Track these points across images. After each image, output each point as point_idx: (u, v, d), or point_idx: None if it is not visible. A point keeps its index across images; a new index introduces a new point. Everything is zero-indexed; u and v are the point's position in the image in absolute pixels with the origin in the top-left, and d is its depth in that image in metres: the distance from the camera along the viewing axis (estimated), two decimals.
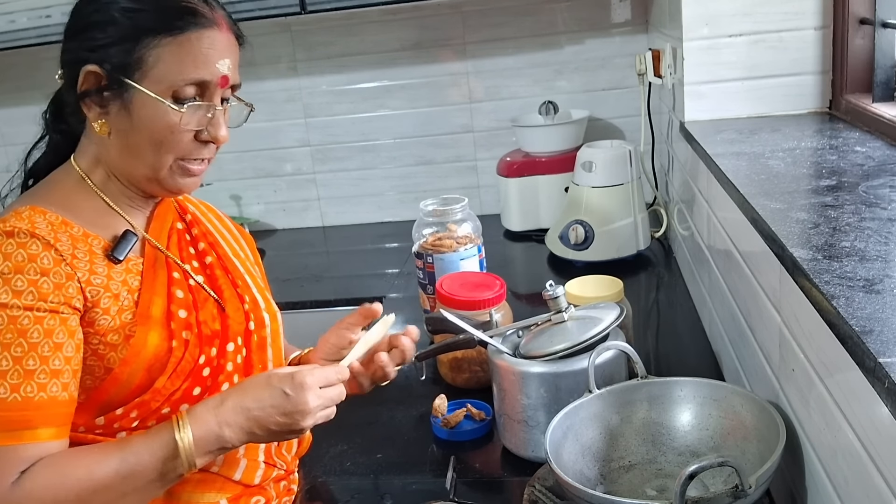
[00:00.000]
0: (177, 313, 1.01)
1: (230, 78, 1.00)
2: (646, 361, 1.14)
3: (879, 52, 1.46)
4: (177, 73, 0.95)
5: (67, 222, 0.97)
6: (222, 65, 0.99)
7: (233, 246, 1.18)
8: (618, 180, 2.00)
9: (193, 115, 0.98)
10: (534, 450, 1.20)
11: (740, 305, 1.23)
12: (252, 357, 1.10)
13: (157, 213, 1.09)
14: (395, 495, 1.18)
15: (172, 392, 1.00)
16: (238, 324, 1.09)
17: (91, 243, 0.97)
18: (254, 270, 1.20)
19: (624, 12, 2.39)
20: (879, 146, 1.27)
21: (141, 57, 0.94)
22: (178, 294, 1.03)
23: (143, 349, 0.96)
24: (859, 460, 0.73)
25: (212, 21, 0.98)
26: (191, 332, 1.02)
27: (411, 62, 2.52)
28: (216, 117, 1.00)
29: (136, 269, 1.01)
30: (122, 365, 0.95)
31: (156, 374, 0.98)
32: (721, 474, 1.00)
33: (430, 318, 1.40)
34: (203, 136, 1.00)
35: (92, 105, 0.97)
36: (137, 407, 0.98)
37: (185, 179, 1.02)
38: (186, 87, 0.96)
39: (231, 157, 2.70)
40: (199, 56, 0.96)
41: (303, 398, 0.94)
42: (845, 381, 0.75)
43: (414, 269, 1.79)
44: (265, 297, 1.17)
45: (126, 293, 0.98)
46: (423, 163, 2.63)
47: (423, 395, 1.45)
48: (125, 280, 0.99)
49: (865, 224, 0.93)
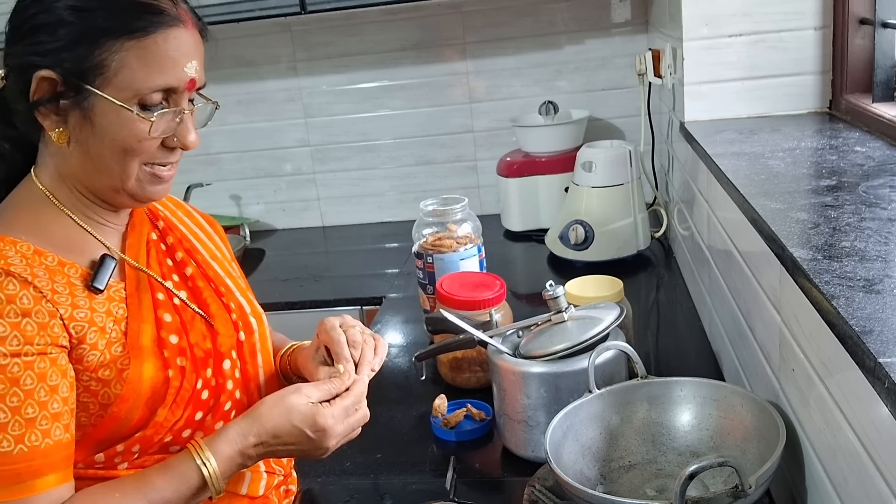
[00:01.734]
0: (168, 339, 0.96)
1: (197, 80, 0.93)
2: (646, 361, 1.14)
3: (879, 52, 1.46)
4: (143, 80, 0.88)
5: (41, 251, 0.90)
6: (190, 68, 0.91)
7: (209, 248, 1.12)
8: (618, 180, 2.00)
9: (161, 123, 0.91)
10: (534, 450, 1.20)
11: (740, 305, 1.23)
12: (247, 368, 1.06)
13: (132, 227, 1.02)
14: (395, 495, 1.18)
15: (174, 422, 0.95)
16: (229, 337, 1.04)
17: (68, 273, 0.91)
18: (232, 270, 1.14)
19: (624, 12, 2.39)
20: (879, 146, 1.27)
21: (101, 61, 0.86)
22: (165, 318, 0.97)
23: (140, 383, 0.91)
24: (859, 460, 0.73)
25: (177, 18, 0.90)
26: (185, 358, 0.97)
27: (411, 62, 2.52)
28: (184, 122, 0.93)
29: (118, 297, 0.95)
30: (120, 402, 0.91)
31: (155, 406, 0.93)
32: (721, 474, 1.00)
33: (430, 318, 1.40)
34: (171, 142, 0.94)
35: (48, 113, 0.89)
36: (139, 441, 0.94)
37: (154, 187, 0.95)
38: (153, 93, 0.89)
39: (231, 157, 2.70)
40: (166, 60, 0.89)
41: (325, 441, 0.95)
42: (845, 381, 0.75)
43: (414, 269, 1.79)
44: (249, 300, 1.11)
45: (112, 324, 0.92)
46: (423, 163, 2.63)
47: (423, 395, 1.45)
48: (109, 310, 0.93)
49: (865, 224, 0.93)
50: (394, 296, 2.02)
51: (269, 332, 1.15)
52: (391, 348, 1.71)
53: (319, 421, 0.94)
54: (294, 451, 0.96)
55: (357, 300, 2.06)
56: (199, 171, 2.69)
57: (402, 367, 1.61)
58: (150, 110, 0.90)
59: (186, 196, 2.55)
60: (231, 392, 1.03)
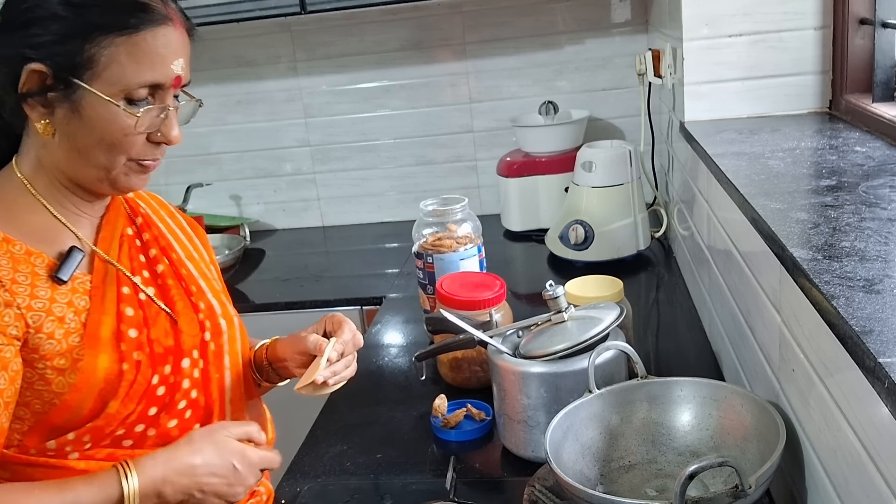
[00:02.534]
0: (127, 333, 0.97)
1: (183, 78, 0.96)
2: (646, 361, 1.14)
3: (879, 52, 1.46)
4: (131, 76, 0.90)
5: (9, 239, 0.92)
6: (177, 65, 0.94)
7: (187, 248, 1.13)
8: (618, 180, 2.00)
9: (147, 118, 0.93)
10: (534, 450, 1.20)
11: (740, 305, 1.23)
12: (209, 368, 1.07)
13: (107, 220, 1.04)
14: (395, 495, 1.18)
15: (127, 415, 0.97)
16: (192, 336, 1.05)
17: (34, 263, 0.93)
18: (209, 272, 1.15)
19: (624, 12, 2.39)
20: (879, 146, 1.27)
21: (91, 56, 0.89)
22: (127, 312, 0.99)
23: (93, 374, 0.93)
24: (859, 460, 0.73)
25: (166, 17, 0.93)
26: (142, 353, 0.98)
27: (411, 62, 2.52)
28: (169, 118, 0.96)
29: (82, 289, 0.97)
30: (73, 391, 0.92)
31: (108, 398, 0.95)
32: (721, 474, 1.00)
33: (430, 318, 1.40)
34: (156, 137, 0.96)
35: (35, 105, 0.91)
36: (90, 432, 0.95)
37: (138, 177, 0.98)
38: (140, 89, 0.91)
39: (231, 157, 2.70)
40: (154, 57, 0.91)
41: (249, 478, 0.98)
42: (845, 381, 0.75)
43: (414, 269, 1.79)
44: (221, 302, 1.13)
45: (72, 315, 0.94)
46: (423, 163, 2.63)
47: (423, 395, 1.45)
48: (71, 301, 0.95)
49: (865, 224, 0.93)
50: (394, 296, 2.02)
51: (238, 336, 1.14)
52: (391, 348, 1.71)
53: (248, 455, 0.98)
54: (216, 484, 0.96)
55: (357, 300, 2.06)
56: (199, 171, 2.69)
57: (402, 367, 1.61)
58: (136, 105, 0.92)
59: (186, 196, 2.55)
60: (187, 391, 1.04)
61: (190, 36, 0.98)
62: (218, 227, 2.54)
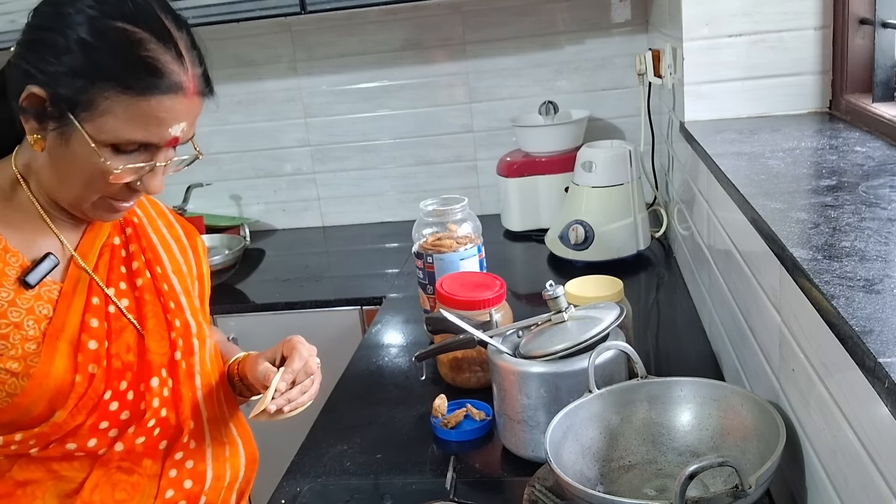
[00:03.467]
0: (87, 344, 0.97)
1: (182, 138, 0.95)
2: (646, 361, 1.14)
3: (879, 52, 1.46)
4: (122, 131, 0.89)
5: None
6: (175, 129, 0.92)
7: (176, 261, 1.12)
8: (618, 180, 2.00)
9: (129, 171, 0.92)
10: (534, 450, 1.20)
11: (740, 305, 1.23)
12: (180, 388, 1.06)
13: (92, 227, 1.04)
14: (395, 495, 1.18)
15: (76, 427, 0.96)
16: (161, 355, 1.04)
17: (9, 261, 0.93)
18: (193, 289, 1.13)
19: (624, 12, 2.39)
20: (879, 146, 1.27)
21: (91, 100, 0.88)
22: (91, 323, 0.98)
23: (46, 380, 0.93)
24: (859, 460, 0.73)
25: (180, 86, 0.90)
26: (98, 366, 0.97)
27: (411, 62, 2.52)
28: (155, 172, 0.95)
29: (48, 296, 0.96)
30: (24, 394, 0.92)
31: (56, 407, 0.94)
32: (721, 474, 1.00)
33: (430, 318, 1.40)
34: (135, 186, 0.95)
35: (30, 120, 0.91)
36: (36, 437, 0.95)
37: (109, 214, 0.99)
38: (128, 144, 0.91)
39: (231, 157, 2.70)
40: (151, 121, 0.90)
41: None
42: (845, 381, 0.75)
43: (414, 269, 1.79)
44: (198, 322, 1.10)
45: (31, 322, 0.93)
46: (423, 163, 2.63)
47: (423, 395, 1.45)
48: (32, 308, 0.94)
49: (865, 224, 0.92)
50: (394, 296, 2.02)
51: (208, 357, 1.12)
52: (391, 348, 1.71)
53: None
54: None
55: (357, 300, 2.06)
56: (199, 171, 2.69)
57: (402, 367, 1.61)
58: (122, 154, 0.91)
59: (186, 196, 2.55)
60: (157, 409, 1.03)
61: (205, 96, 0.96)
62: (218, 227, 2.54)
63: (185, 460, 1.07)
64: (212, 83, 0.97)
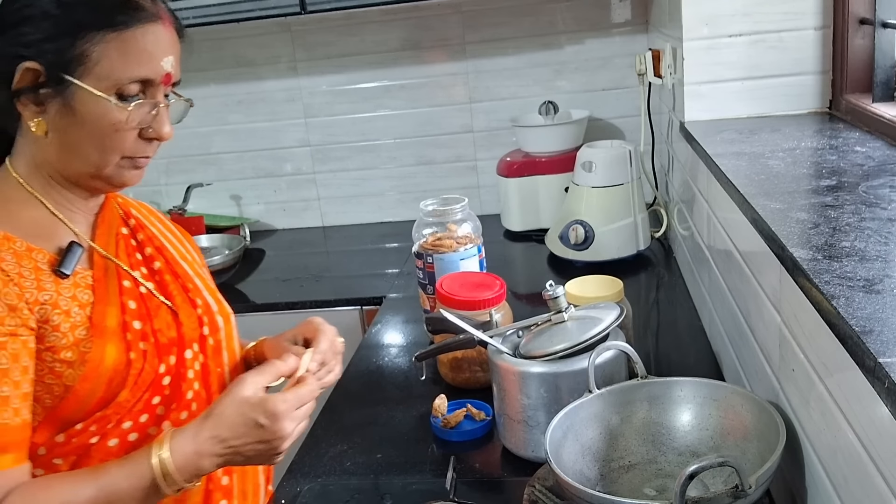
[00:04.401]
0: (131, 324, 0.98)
1: (173, 76, 0.98)
2: (646, 361, 1.14)
3: (879, 52, 1.46)
4: (121, 71, 0.92)
5: (9, 237, 0.93)
6: (166, 62, 0.96)
7: (179, 250, 1.15)
8: (618, 180, 2.00)
9: (138, 113, 0.95)
10: (534, 450, 1.20)
11: (740, 305, 1.23)
12: (209, 363, 1.08)
13: (103, 219, 1.05)
14: (395, 495, 1.18)
15: (133, 404, 0.98)
16: (192, 330, 1.06)
17: (36, 258, 0.94)
18: (201, 272, 1.17)
19: (624, 12, 2.39)
20: (879, 146, 1.27)
21: (83, 53, 0.90)
22: (130, 304, 1.00)
23: (102, 364, 0.94)
24: (859, 460, 0.73)
25: (155, 15, 0.95)
26: (147, 343, 0.99)
27: (411, 62, 2.52)
28: (160, 114, 0.97)
29: (84, 283, 0.98)
30: (82, 381, 0.93)
31: (117, 388, 0.96)
32: (721, 474, 1.00)
33: (430, 318, 1.40)
34: (147, 133, 0.97)
35: (27, 103, 0.93)
36: (97, 421, 0.96)
37: (131, 172, 0.99)
38: (130, 84, 0.93)
39: (231, 157, 2.70)
40: (143, 53, 0.93)
41: (278, 426, 0.94)
42: (845, 381, 0.75)
43: (414, 269, 1.79)
44: (217, 300, 1.14)
45: (77, 308, 0.95)
46: (423, 163, 2.63)
47: (423, 395, 1.45)
48: (74, 295, 0.95)
49: (865, 224, 0.93)
50: (394, 296, 2.02)
51: (234, 333, 1.16)
52: (391, 348, 1.71)
53: (269, 406, 0.94)
54: (250, 446, 0.94)
55: (357, 300, 2.06)
56: (199, 171, 2.69)
57: (402, 367, 1.61)
58: (127, 101, 0.94)
59: (186, 196, 2.55)
60: (191, 382, 1.05)
61: (180, 36, 1.00)
62: (218, 227, 2.54)
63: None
64: (180, 20, 1.01)
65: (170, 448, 0.91)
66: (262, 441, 0.94)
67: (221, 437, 0.93)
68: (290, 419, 0.95)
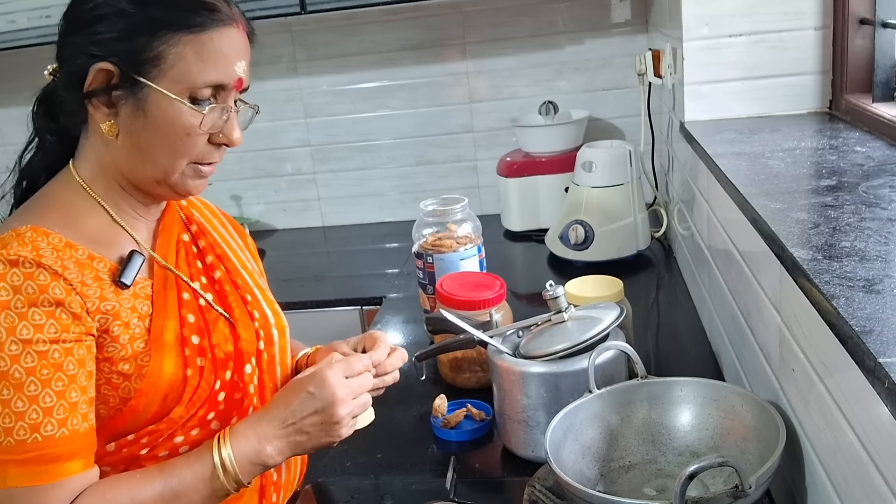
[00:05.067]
0: (189, 339, 0.97)
1: (245, 81, 0.97)
2: (646, 361, 1.14)
3: (879, 52, 1.46)
4: (197, 74, 0.90)
5: (71, 244, 0.91)
6: (239, 67, 0.94)
7: (240, 256, 1.13)
8: (618, 180, 2.00)
9: (210, 118, 0.93)
10: (534, 450, 1.20)
11: (740, 305, 1.23)
12: (264, 377, 1.07)
13: (164, 226, 1.04)
14: (395, 495, 1.18)
15: (187, 420, 0.96)
16: (250, 343, 1.05)
17: (97, 267, 0.92)
18: (261, 281, 1.16)
19: (624, 12, 2.39)
20: (879, 146, 1.27)
21: (159, 54, 0.89)
22: (189, 318, 0.98)
23: (159, 378, 0.93)
24: (859, 460, 0.73)
25: (231, 18, 0.93)
26: (205, 358, 0.98)
27: (411, 62, 2.52)
28: (231, 119, 0.96)
29: (144, 294, 0.96)
30: (139, 396, 0.92)
31: (171, 403, 0.94)
32: (721, 474, 1.00)
33: (430, 318, 1.40)
34: (218, 138, 0.96)
35: (99, 105, 0.91)
36: (149, 434, 0.95)
37: (195, 181, 0.98)
38: (204, 88, 0.92)
39: (231, 157, 2.68)
40: (219, 57, 0.92)
41: (329, 391, 0.94)
42: (845, 381, 0.75)
43: (414, 269, 1.79)
44: (275, 312, 1.13)
45: (136, 320, 0.93)
46: (423, 163, 2.63)
47: (423, 395, 1.45)
48: (134, 306, 0.94)
49: (865, 224, 0.93)
50: (394, 296, 2.02)
51: (288, 346, 1.15)
52: None
53: (317, 374, 0.95)
54: (307, 419, 0.94)
55: (357, 300, 2.06)
56: None
57: (402, 368, 1.60)
58: (200, 105, 0.92)
59: None
60: (252, 396, 1.03)
61: (251, 41, 0.99)
62: None
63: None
64: (251, 24, 1.00)
65: (231, 441, 0.92)
66: (316, 412, 0.94)
67: (278, 417, 0.94)
68: (342, 385, 0.95)
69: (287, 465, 1.12)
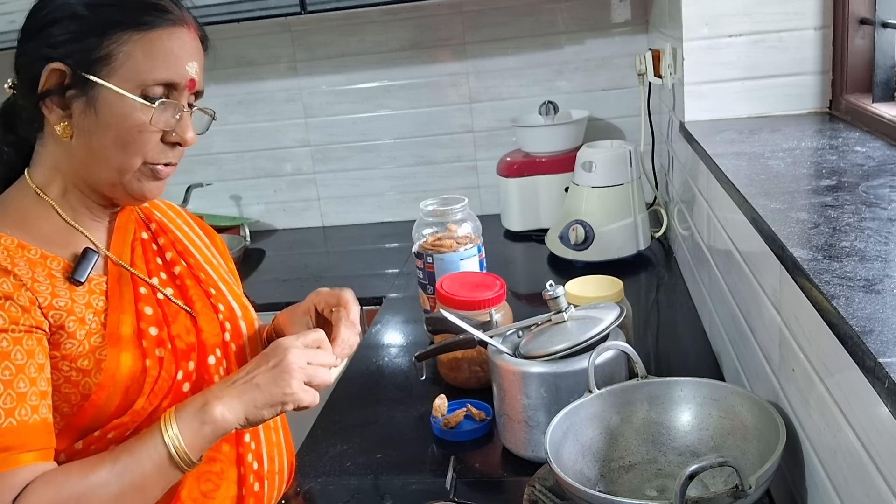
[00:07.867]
0: (147, 331, 0.98)
1: (197, 83, 0.98)
2: (646, 361, 1.14)
3: (879, 52, 1.46)
4: (147, 72, 0.92)
5: (24, 245, 0.93)
6: (191, 67, 0.96)
7: (204, 253, 1.15)
8: (618, 180, 2.00)
9: (162, 115, 0.95)
10: (534, 450, 1.20)
11: (740, 305, 1.23)
12: (233, 368, 1.08)
13: (118, 225, 1.05)
14: (395, 495, 1.18)
15: (152, 412, 0.97)
16: (214, 335, 1.06)
17: (50, 266, 0.94)
18: (227, 277, 1.16)
19: (624, 12, 2.39)
20: (879, 146, 1.27)
21: (109, 53, 0.91)
22: (146, 311, 0.99)
23: (118, 371, 0.94)
24: (859, 460, 0.73)
25: (181, 20, 0.96)
26: (164, 349, 0.99)
27: (411, 62, 2.52)
28: (184, 119, 0.97)
29: (99, 290, 0.97)
30: (99, 390, 0.93)
31: (133, 395, 0.95)
32: (721, 474, 1.00)
33: (430, 318, 1.40)
34: (171, 137, 0.97)
35: (53, 107, 0.93)
36: (115, 428, 0.95)
37: (150, 184, 0.98)
38: (155, 86, 0.93)
39: (231, 157, 2.70)
40: (169, 55, 0.94)
41: (281, 347, 0.95)
42: (845, 381, 0.75)
43: (414, 269, 1.79)
44: (242, 305, 1.14)
45: (92, 315, 0.95)
46: (423, 163, 2.63)
47: (423, 395, 1.45)
48: (89, 302, 0.95)
49: (865, 224, 0.93)
50: (394, 296, 2.02)
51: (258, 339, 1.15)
52: (391, 348, 1.72)
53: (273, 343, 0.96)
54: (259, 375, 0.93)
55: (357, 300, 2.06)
56: (199, 171, 2.69)
57: (402, 367, 1.61)
58: (151, 101, 0.94)
59: (186, 196, 2.55)
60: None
61: (203, 45, 1.00)
62: (218, 228, 2.52)
63: (251, 442, 1.08)
64: (204, 29, 1.02)
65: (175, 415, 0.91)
66: (268, 366, 0.94)
67: (231, 378, 0.94)
68: (295, 352, 0.95)
69: (270, 456, 1.11)
